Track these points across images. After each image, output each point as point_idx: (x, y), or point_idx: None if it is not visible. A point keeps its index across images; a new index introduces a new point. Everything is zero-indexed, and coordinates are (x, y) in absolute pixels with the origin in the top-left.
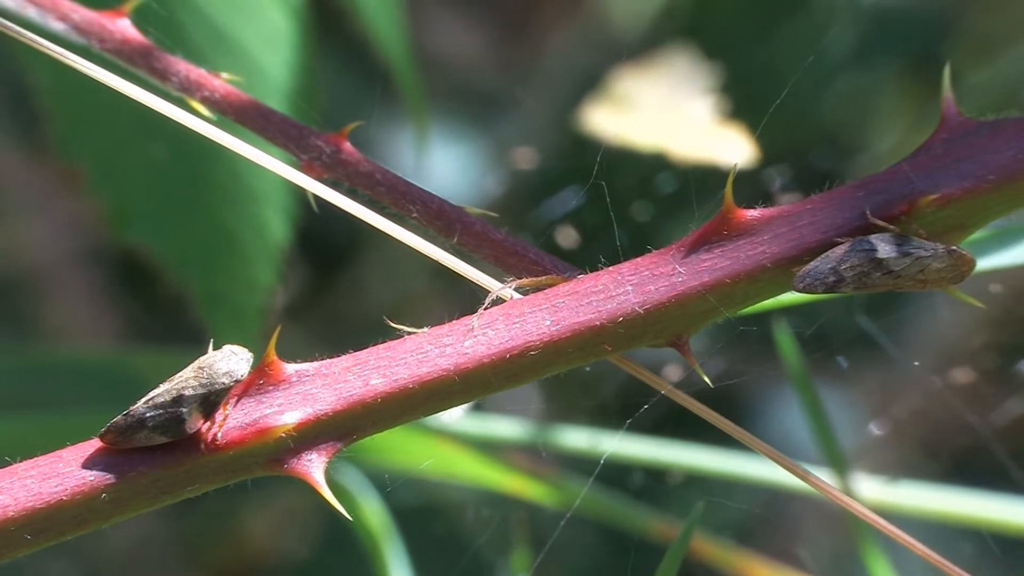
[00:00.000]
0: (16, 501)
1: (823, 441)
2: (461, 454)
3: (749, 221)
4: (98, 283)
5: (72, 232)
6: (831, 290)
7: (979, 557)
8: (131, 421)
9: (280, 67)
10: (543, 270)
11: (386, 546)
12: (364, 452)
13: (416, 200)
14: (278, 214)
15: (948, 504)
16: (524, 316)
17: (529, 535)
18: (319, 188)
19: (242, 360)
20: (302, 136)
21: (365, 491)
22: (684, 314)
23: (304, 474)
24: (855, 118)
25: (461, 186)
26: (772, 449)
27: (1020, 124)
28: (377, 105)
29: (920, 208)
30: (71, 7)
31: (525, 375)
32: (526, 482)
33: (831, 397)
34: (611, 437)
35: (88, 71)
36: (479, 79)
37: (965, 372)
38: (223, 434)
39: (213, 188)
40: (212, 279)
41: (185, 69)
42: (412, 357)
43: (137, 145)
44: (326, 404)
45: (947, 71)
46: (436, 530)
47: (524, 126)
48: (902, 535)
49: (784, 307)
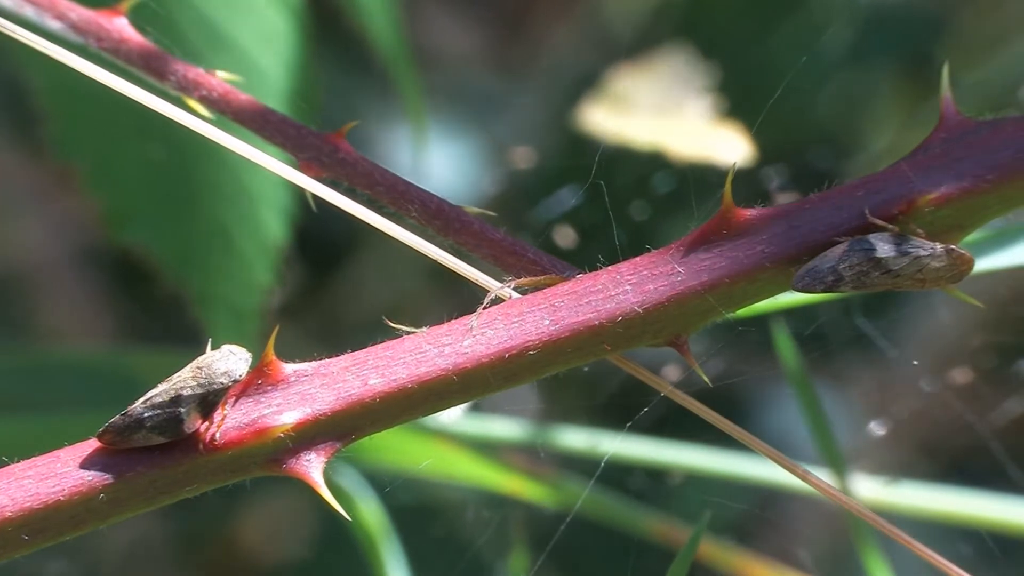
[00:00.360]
0: (14, 501)
1: (821, 441)
2: (459, 454)
3: (748, 220)
4: (94, 283)
5: (68, 232)
6: (830, 289)
7: (978, 558)
8: (129, 421)
9: (277, 67)
10: (542, 269)
11: (384, 547)
12: (362, 453)
13: (415, 199)
14: (275, 214)
15: (946, 504)
16: (523, 316)
17: (528, 535)
18: (318, 187)
19: (240, 360)
20: (300, 135)
21: (363, 492)
22: (683, 314)
23: (302, 474)
24: (851, 117)
25: (458, 185)
26: (771, 448)
27: (1018, 124)
28: (375, 105)
29: (919, 207)
30: (68, 6)
31: (524, 375)
32: (524, 482)
33: (829, 397)
34: (610, 437)
35: (85, 70)
36: (476, 78)
37: (964, 372)
38: (221, 434)
39: (210, 188)
40: (209, 280)
41: (183, 68)
42: (411, 357)
43: (134, 145)
44: (325, 404)
45: (946, 71)
46: (434, 531)
47: (521, 125)
48: (900, 534)
49: (783, 307)
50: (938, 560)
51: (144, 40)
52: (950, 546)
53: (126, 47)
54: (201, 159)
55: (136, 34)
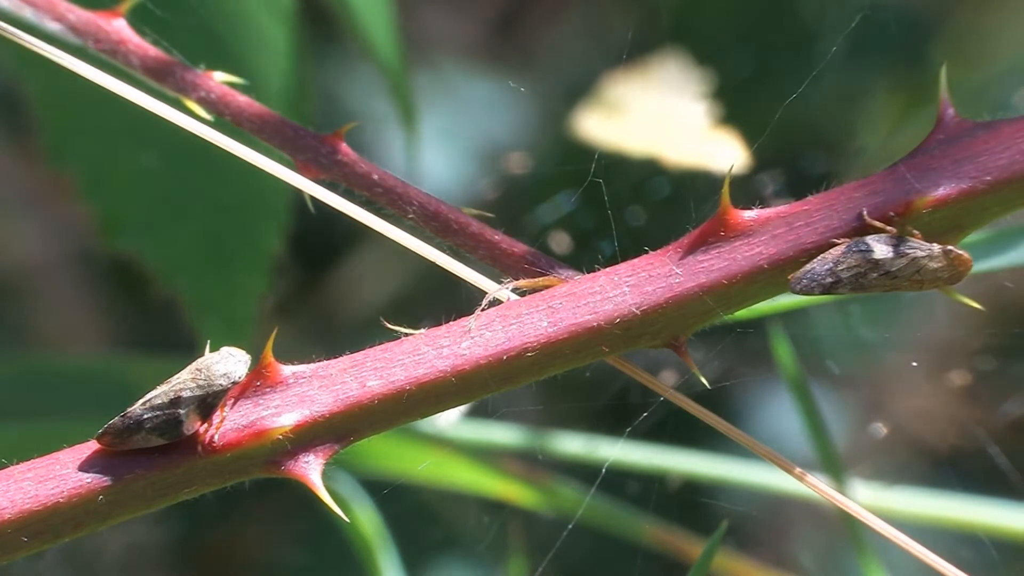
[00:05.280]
0: (13, 503)
1: (819, 445)
2: (456, 460)
3: (746, 222)
4: (88, 288)
5: (64, 237)
6: (828, 291)
7: (977, 563)
8: (129, 423)
9: (274, 71)
10: (540, 271)
11: (380, 553)
12: (359, 459)
13: (413, 201)
14: (269, 221)
15: (944, 508)
16: (521, 317)
17: (526, 541)
18: (316, 189)
19: (240, 362)
20: (298, 137)
21: (359, 497)
22: (681, 315)
23: (301, 476)
24: (844, 120)
25: (454, 191)
26: (770, 450)
27: (1016, 125)
28: (374, 106)
29: (917, 209)
30: (67, 7)
31: (522, 377)
32: (521, 488)
33: (826, 400)
34: (608, 442)
35: (83, 72)
36: (471, 83)
37: (962, 374)
38: (220, 436)
39: (204, 196)
40: (203, 287)
41: (181, 69)
42: (409, 359)
43: (128, 153)
44: (323, 406)
45: (943, 72)
46: (431, 538)
47: (517, 131)
48: (898, 535)
49: (781, 309)
50: (937, 562)
51: (143, 41)
52: (948, 551)
53: (124, 48)
54: (195, 166)
55: (135, 35)
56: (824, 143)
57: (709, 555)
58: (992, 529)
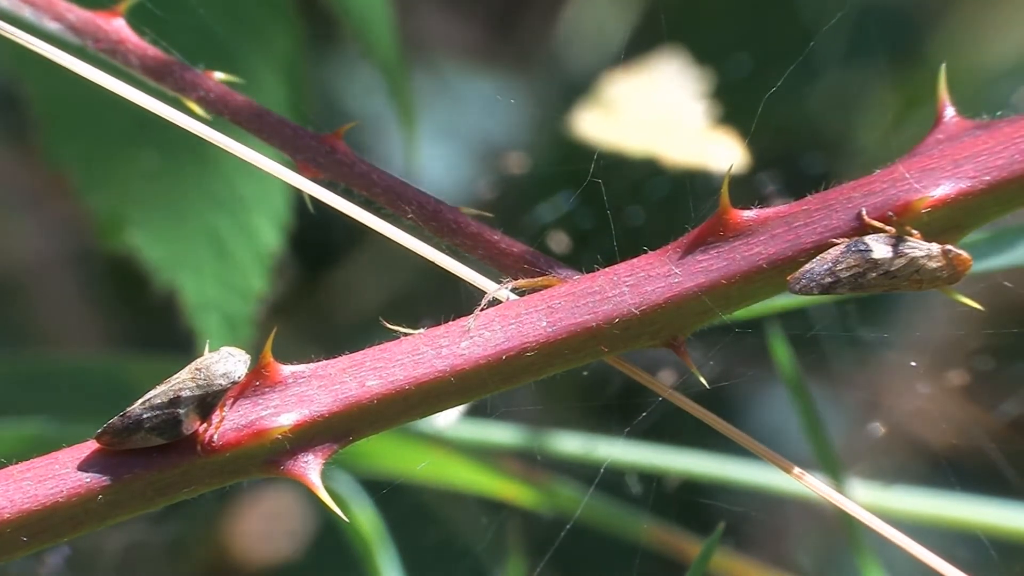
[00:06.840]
0: (12, 503)
1: (817, 444)
2: (455, 460)
3: (745, 222)
4: (88, 288)
5: (62, 236)
6: (827, 291)
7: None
8: (128, 422)
9: (273, 71)
10: (539, 271)
11: (379, 552)
12: (357, 459)
13: (412, 200)
14: (268, 221)
15: (942, 508)
16: (520, 317)
17: (525, 541)
18: (315, 188)
19: (239, 362)
20: (297, 136)
21: (358, 497)
22: (680, 315)
23: (300, 476)
24: (843, 120)
25: (452, 191)
26: (768, 450)
27: (1015, 125)
28: (370, 109)
29: (915, 209)
30: (66, 7)
31: (521, 376)
32: (520, 488)
33: (825, 399)
34: (606, 441)
35: (82, 72)
36: (470, 83)
37: (960, 374)
38: (219, 436)
39: (203, 195)
40: (202, 286)
41: (180, 69)
42: (408, 358)
43: (127, 152)
44: (322, 406)
45: (943, 72)
46: (430, 538)
47: (515, 131)
48: (897, 534)
49: (780, 309)
50: (935, 562)
51: (142, 41)
52: (946, 550)
53: (124, 48)
54: (194, 166)
55: (134, 35)
56: (823, 143)
57: (707, 554)
58: (990, 528)
